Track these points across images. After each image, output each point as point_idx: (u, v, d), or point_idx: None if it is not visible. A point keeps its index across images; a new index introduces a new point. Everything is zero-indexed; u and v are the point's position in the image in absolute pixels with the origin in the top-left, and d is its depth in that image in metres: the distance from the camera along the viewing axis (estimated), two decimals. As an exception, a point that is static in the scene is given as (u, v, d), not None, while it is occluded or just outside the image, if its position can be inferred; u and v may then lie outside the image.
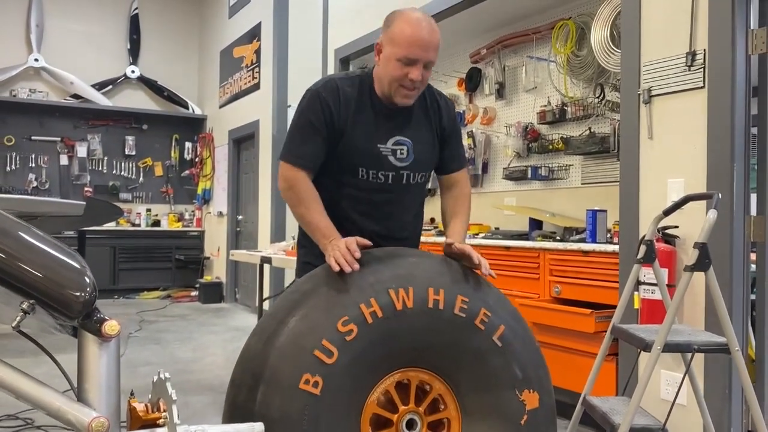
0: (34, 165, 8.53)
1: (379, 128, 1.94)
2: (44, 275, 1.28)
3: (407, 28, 1.84)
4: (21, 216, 4.41)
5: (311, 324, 1.63)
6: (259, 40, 7.39)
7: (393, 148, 1.95)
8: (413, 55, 1.82)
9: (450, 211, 2.09)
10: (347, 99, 1.91)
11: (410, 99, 1.91)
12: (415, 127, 2.00)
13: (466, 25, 4.81)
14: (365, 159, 1.94)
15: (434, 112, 2.03)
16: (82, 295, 1.28)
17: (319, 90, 1.92)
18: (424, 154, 2.02)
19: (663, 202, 2.82)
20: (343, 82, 1.95)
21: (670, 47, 2.85)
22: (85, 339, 1.33)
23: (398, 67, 1.84)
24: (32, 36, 8.36)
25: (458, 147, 2.13)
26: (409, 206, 2.07)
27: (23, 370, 1.29)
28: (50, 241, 1.35)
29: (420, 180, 2.04)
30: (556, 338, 3.40)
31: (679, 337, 2.06)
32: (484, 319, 1.77)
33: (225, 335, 6.05)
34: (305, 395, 1.57)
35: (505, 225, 4.83)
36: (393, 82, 1.87)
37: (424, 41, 1.83)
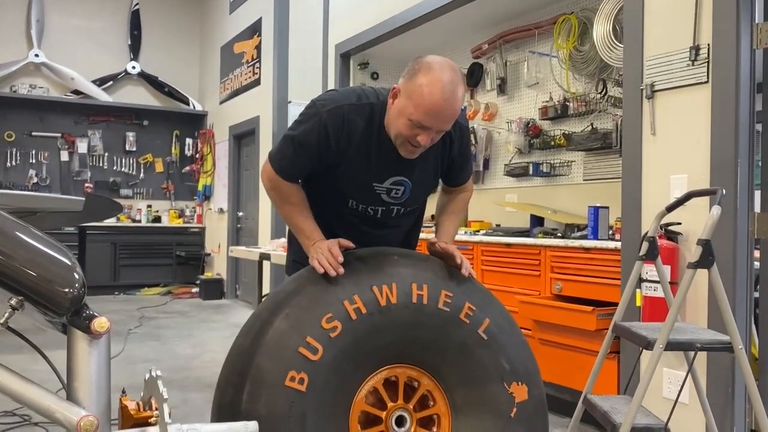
0: (35, 161, 8.51)
1: (379, 166, 1.85)
2: (32, 271, 1.25)
3: (429, 93, 1.66)
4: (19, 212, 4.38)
5: (295, 322, 1.64)
6: (260, 36, 7.35)
7: (389, 187, 1.89)
8: (428, 123, 1.69)
9: (445, 209, 2.06)
10: (352, 130, 1.79)
11: (414, 155, 1.80)
12: (420, 166, 1.89)
13: (467, 19, 4.77)
14: (357, 193, 1.89)
15: (444, 144, 1.89)
16: (70, 291, 1.26)
17: (324, 118, 1.78)
18: (422, 189, 1.97)
19: (666, 199, 2.78)
20: (351, 110, 1.80)
21: (674, 42, 2.81)
22: (74, 336, 1.30)
23: (409, 126, 1.71)
24: (33, 31, 8.33)
25: (466, 164, 2.06)
26: (398, 231, 2.05)
27: (19, 367, 1.27)
28: (40, 237, 1.32)
29: (412, 211, 2.04)
30: (558, 336, 3.38)
31: (681, 336, 2.03)
32: (469, 312, 1.78)
33: (225, 332, 6.03)
34: (291, 392, 1.58)
35: (506, 222, 4.80)
36: (399, 136, 1.76)
37: (443, 113, 1.69)
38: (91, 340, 1.30)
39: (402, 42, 5.11)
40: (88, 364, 1.28)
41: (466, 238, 4.26)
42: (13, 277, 1.28)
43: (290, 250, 2.12)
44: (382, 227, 2.00)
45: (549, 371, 3.46)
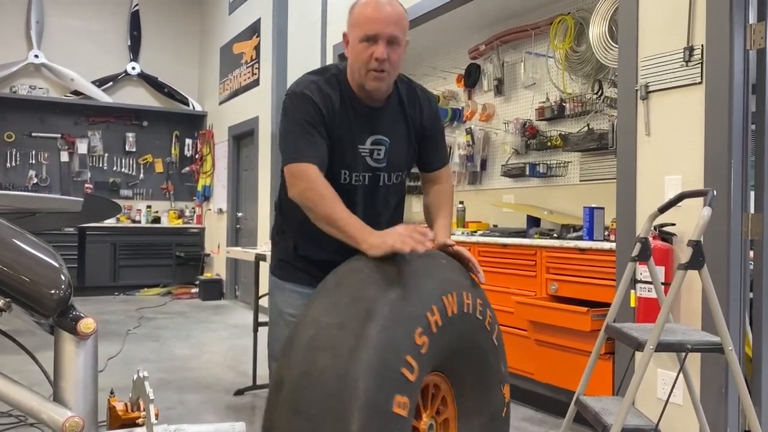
0: (35, 161, 8.53)
1: (358, 127, 1.88)
2: (18, 273, 1.26)
3: (364, 9, 1.81)
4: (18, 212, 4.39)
5: (392, 336, 1.42)
6: (259, 36, 7.36)
7: (371, 148, 1.90)
8: (372, 30, 1.77)
9: (433, 206, 2.03)
10: (330, 99, 1.84)
11: (382, 81, 1.81)
12: (392, 125, 1.93)
13: (464, 20, 4.78)
14: (346, 160, 1.88)
15: (413, 108, 1.96)
16: (56, 292, 1.26)
17: (304, 91, 1.83)
18: (400, 154, 1.96)
19: (660, 200, 2.78)
20: (322, 82, 1.86)
21: (668, 42, 2.81)
22: (61, 337, 1.31)
23: (362, 48, 1.79)
24: (32, 32, 8.35)
25: (440, 144, 2.07)
26: (385, 207, 2.01)
27: (14, 368, 1.27)
28: (26, 238, 1.33)
29: (396, 180, 1.99)
30: (553, 336, 3.38)
31: (672, 337, 2.03)
32: (489, 320, 1.79)
33: (223, 333, 6.04)
34: (398, 420, 1.38)
35: (503, 222, 4.81)
36: (361, 67, 1.80)
37: (381, 15, 1.77)
38: (78, 341, 1.30)
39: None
40: (74, 365, 1.29)
41: (463, 238, 4.26)
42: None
43: (275, 249, 2.09)
44: (374, 203, 1.96)
45: (545, 372, 3.47)
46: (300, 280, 1.98)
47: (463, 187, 5.29)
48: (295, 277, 2.00)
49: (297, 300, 1.96)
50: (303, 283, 1.97)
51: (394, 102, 1.94)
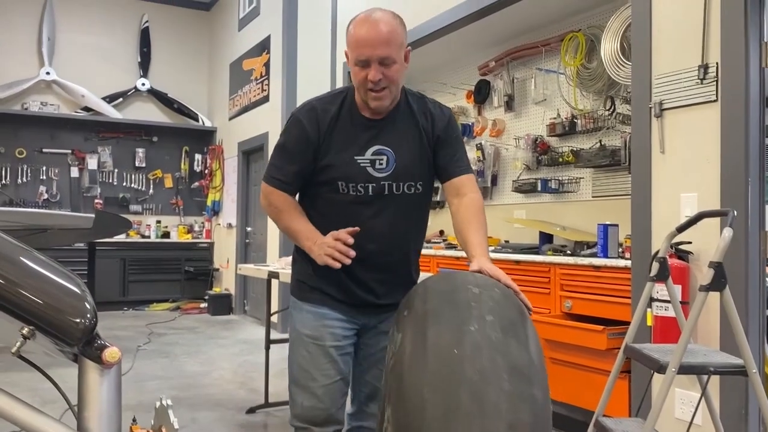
0: (45, 177, 8.57)
1: (358, 139, 1.90)
2: (43, 301, 1.25)
3: (353, 30, 1.82)
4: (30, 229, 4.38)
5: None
6: (269, 53, 7.40)
7: (372, 158, 1.89)
8: (363, 55, 1.79)
9: (461, 223, 1.91)
10: (324, 117, 1.88)
11: (382, 101, 1.84)
12: (399, 136, 1.92)
13: (474, 37, 4.79)
14: (342, 172, 1.88)
15: (424, 118, 1.96)
16: (82, 321, 1.25)
17: (297, 114, 1.93)
18: (410, 164, 1.92)
19: (676, 217, 2.77)
20: (321, 102, 1.94)
21: (682, 60, 2.81)
22: (85, 366, 1.30)
23: (357, 71, 1.82)
24: (44, 49, 8.42)
25: (457, 151, 1.99)
26: (399, 221, 1.94)
27: (29, 386, 1.27)
28: (49, 265, 1.33)
29: (408, 191, 1.93)
30: (568, 355, 3.35)
31: (694, 359, 2.01)
32: None
33: (233, 348, 6.03)
34: None
35: (514, 238, 4.79)
36: (360, 88, 1.85)
37: (369, 39, 1.78)
38: (102, 370, 1.29)
39: (411, 59, 5.13)
40: (98, 394, 1.28)
41: (474, 255, 4.25)
42: (24, 307, 1.27)
43: (294, 268, 2.09)
44: (381, 214, 1.91)
45: (559, 390, 3.44)
46: (315, 300, 1.97)
47: (473, 203, 5.27)
48: (311, 297, 1.98)
49: (312, 321, 1.95)
50: (317, 303, 1.96)
51: (402, 112, 1.94)
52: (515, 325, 1.38)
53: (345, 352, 1.96)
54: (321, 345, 1.92)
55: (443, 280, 1.57)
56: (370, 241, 1.89)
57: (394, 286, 1.96)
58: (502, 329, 1.35)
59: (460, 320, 1.36)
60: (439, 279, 1.61)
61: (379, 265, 1.94)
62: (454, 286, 1.51)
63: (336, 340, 1.93)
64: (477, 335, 1.32)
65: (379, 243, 1.92)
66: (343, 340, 1.95)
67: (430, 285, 1.58)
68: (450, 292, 1.48)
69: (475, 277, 1.56)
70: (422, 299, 1.52)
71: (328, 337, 1.93)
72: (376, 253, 1.91)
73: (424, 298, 1.51)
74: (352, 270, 1.90)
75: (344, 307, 1.95)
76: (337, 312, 1.95)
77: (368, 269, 1.93)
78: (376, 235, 1.90)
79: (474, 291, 1.46)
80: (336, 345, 1.93)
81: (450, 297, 1.45)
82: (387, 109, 1.90)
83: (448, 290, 1.49)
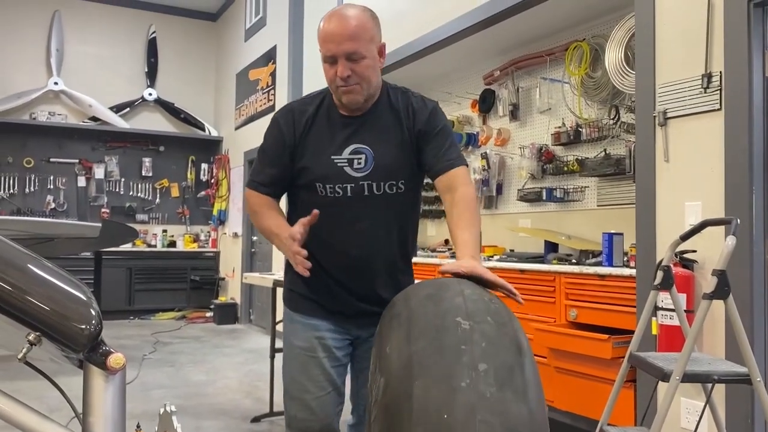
0: (53, 187, 8.63)
1: (335, 138, 1.85)
2: (49, 307, 1.27)
3: (322, 25, 1.79)
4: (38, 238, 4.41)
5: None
6: (275, 63, 7.45)
7: (350, 157, 1.83)
8: (329, 52, 1.77)
9: (450, 219, 1.79)
10: (301, 118, 1.86)
11: (353, 94, 1.79)
12: (378, 133, 1.85)
13: (479, 47, 4.81)
14: (319, 172, 1.83)
15: (406, 115, 1.87)
16: (87, 327, 1.27)
17: (275, 116, 1.92)
18: (391, 162, 1.84)
19: (680, 226, 2.77)
20: (299, 103, 1.93)
21: (686, 69, 2.81)
22: (90, 372, 1.31)
23: (327, 68, 1.81)
24: (52, 60, 8.50)
25: (444, 144, 1.85)
26: (381, 223, 1.86)
27: (35, 394, 1.28)
28: (55, 272, 1.34)
29: (389, 190, 1.85)
30: (573, 364, 3.34)
31: (698, 367, 2.01)
32: None
33: (239, 358, 6.03)
34: None
35: (520, 247, 4.79)
36: (331, 85, 1.82)
37: (334, 35, 1.75)
38: (107, 376, 1.30)
39: (415, 68, 5.16)
40: (103, 399, 1.29)
41: (479, 264, 4.25)
42: (30, 313, 1.29)
43: (285, 277, 2.03)
44: (362, 216, 1.85)
45: (564, 399, 3.43)
46: (306, 311, 1.92)
47: (479, 211, 5.28)
48: (303, 308, 1.93)
49: (304, 332, 1.90)
50: (309, 314, 1.91)
51: (382, 109, 1.88)
52: (512, 370, 1.25)
53: (339, 364, 1.91)
54: (313, 356, 1.88)
55: (429, 304, 1.38)
56: (354, 246, 1.85)
57: (387, 292, 1.86)
58: (497, 380, 1.22)
59: (449, 373, 1.22)
60: (423, 302, 1.40)
61: (365, 271, 1.87)
62: (442, 315, 1.32)
63: (329, 352, 1.89)
64: (470, 393, 1.19)
65: (363, 247, 1.85)
66: (337, 351, 1.90)
67: (414, 309, 1.40)
68: (437, 330, 1.30)
69: (464, 299, 1.36)
70: (405, 332, 1.35)
71: (320, 348, 1.88)
72: (360, 258, 1.86)
73: (408, 332, 1.34)
74: (339, 277, 1.87)
75: (336, 317, 1.90)
76: (329, 323, 1.90)
77: (355, 276, 1.88)
78: (359, 239, 1.85)
79: (464, 326, 1.29)
80: (329, 356, 1.88)
81: (437, 337, 1.29)
82: (364, 106, 1.85)
83: (435, 324, 1.31)
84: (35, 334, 1.26)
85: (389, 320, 1.45)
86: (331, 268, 1.88)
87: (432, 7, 4.65)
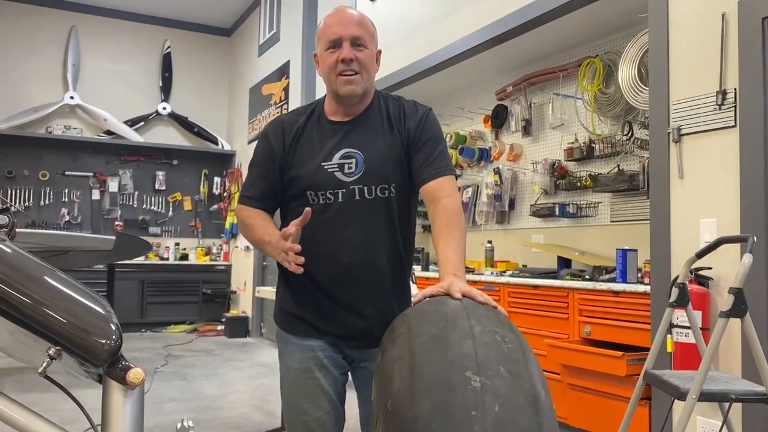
0: (67, 199, 8.71)
1: (325, 145, 1.82)
2: (70, 322, 1.28)
3: (326, 20, 1.84)
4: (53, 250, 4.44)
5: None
6: (288, 78, 7.51)
7: (340, 162, 1.80)
8: (335, 35, 1.77)
9: (434, 234, 1.71)
10: (291, 129, 1.85)
11: (353, 84, 1.77)
12: (369, 136, 1.83)
13: (491, 63, 4.83)
14: (310, 181, 1.79)
15: (398, 119, 1.85)
16: (107, 342, 1.28)
17: (265, 128, 1.92)
18: (380, 163, 1.80)
19: (695, 242, 2.76)
20: (289, 115, 1.92)
21: (700, 86, 2.82)
22: (109, 386, 1.31)
23: (329, 55, 1.79)
24: (69, 75, 8.61)
25: (433, 152, 1.80)
26: (373, 229, 1.81)
27: (47, 406, 1.29)
28: (75, 286, 1.36)
29: (381, 194, 1.80)
30: (587, 381, 3.32)
31: (715, 386, 1.99)
32: None
33: (250, 371, 6.03)
34: None
35: (532, 262, 4.78)
36: (331, 73, 1.79)
37: (341, 20, 1.79)
38: (126, 391, 1.31)
39: (428, 83, 5.19)
40: (122, 414, 1.30)
41: (492, 278, 4.24)
42: (51, 327, 1.30)
43: (276, 297, 1.96)
44: (354, 222, 1.79)
45: (578, 417, 3.40)
46: (300, 332, 1.86)
47: (491, 226, 5.28)
48: (296, 329, 1.87)
49: (299, 353, 1.85)
50: (302, 335, 1.85)
51: (374, 114, 1.86)
52: None
53: (337, 382, 1.86)
54: (310, 377, 1.83)
55: (434, 350, 1.25)
56: (345, 254, 1.79)
57: (381, 304, 1.82)
58: None
59: None
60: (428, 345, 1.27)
61: (358, 281, 1.80)
62: (449, 368, 1.19)
63: (325, 371, 1.83)
64: None
65: (355, 255, 1.79)
66: (334, 370, 1.85)
67: (418, 355, 1.26)
68: (444, 388, 1.17)
69: (474, 341, 1.24)
70: (409, 386, 1.21)
71: (316, 368, 1.83)
72: (352, 266, 1.79)
73: (412, 386, 1.20)
74: (331, 289, 1.81)
75: (330, 338, 1.84)
76: (323, 341, 1.84)
77: (348, 286, 1.81)
78: (350, 247, 1.79)
79: (474, 384, 1.15)
80: (325, 375, 1.83)
81: (444, 399, 1.15)
82: (355, 110, 1.84)
83: (442, 380, 1.18)
84: (56, 349, 1.27)
85: (391, 363, 1.31)
86: (321, 280, 1.81)
87: (445, 23, 4.68)
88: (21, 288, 1.29)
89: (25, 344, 1.47)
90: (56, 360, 1.28)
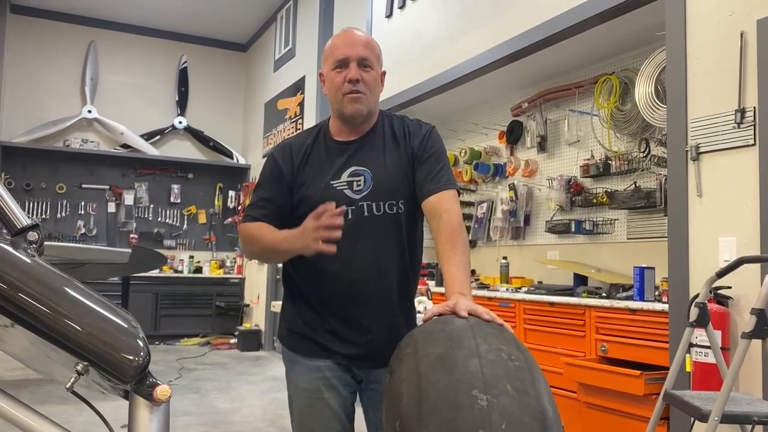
0: (83, 212, 8.79)
1: (332, 165, 1.85)
2: (99, 338, 1.29)
3: (333, 41, 1.87)
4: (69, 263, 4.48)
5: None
6: (303, 93, 7.56)
7: (349, 180, 1.83)
8: (342, 54, 1.81)
9: (438, 251, 1.72)
10: (298, 151, 1.88)
11: (359, 103, 1.81)
12: (375, 154, 1.86)
13: (507, 79, 4.84)
14: (319, 200, 1.75)
15: (403, 136, 1.89)
16: (136, 359, 1.29)
17: (272, 152, 1.94)
18: (388, 180, 1.83)
19: (714, 261, 2.74)
20: (296, 138, 1.95)
21: (719, 104, 2.81)
22: (136, 403, 1.32)
23: (335, 75, 1.81)
24: (87, 89, 8.73)
25: (435, 167, 1.83)
26: (382, 245, 1.82)
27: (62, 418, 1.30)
28: (102, 302, 1.37)
29: (389, 210, 1.82)
30: (604, 400, 3.29)
31: (737, 407, 1.97)
32: None
33: (263, 385, 6.03)
34: None
35: (548, 279, 4.76)
36: (338, 93, 1.82)
37: (348, 40, 1.82)
38: (152, 407, 1.32)
39: (443, 100, 5.21)
40: (148, 430, 1.30)
41: (507, 295, 4.23)
42: (80, 343, 1.31)
43: (281, 317, 1.96)
44: (362, 239, 1.80)
45: (595, 436, 3.37)
46: (307, 352, 1.85)
47: (506, 242, 5.27)
48: (303, 349, 1.86)
49: (307, 373, 1.84)
50: (309, 356, 1.84)
51: (378, 133, 1.89)
52: None
53: (346, 402, 1.85)
54: (319, 398, 1.82)
55: (440, 370, 1.25)
56: (354, 270, 1.79)
57: (387, 319, 1.82)
58: None
59: None
60: (434, 365, 1.27)
61: (366, 297, 1.81)
62: (456, 387, 1.20)
63: (334, 390, 1.82)
64: None
65: (363, 271, 1.80)
66: (343, 389, 1.84)
67: (424, 375, 1.27)
68: (451, 408, 1.17)
69: (480, 360, 1.24)
70: (416, 408, 1.22)
71: (325, 388, 1.82)
72: (361, 283, 1.80)
73: (419, 408, 1.21)
74: (339, 307, 1.81)
75: (338, 358, 1.83)
76: (331, 361, 1.83)
77: (356, 303, 1.81)
78: (359, 263, 1.79)
79: (481, 403, 1.16)
80: (334, 395, 1.82)
81: (451, 419, 1.16)
82: (361, 128, 1.87)
83: (449, 400, 1.18)
84: (83, 364, 1.28)
85: (399, 383, 1.32)
86: (329, 298, 1.82)
87: (461, 40, 4.70)
88: (52, 304, 1.31)
89: (49, 357, 1.49)
90: (84, 376, 1.29)
